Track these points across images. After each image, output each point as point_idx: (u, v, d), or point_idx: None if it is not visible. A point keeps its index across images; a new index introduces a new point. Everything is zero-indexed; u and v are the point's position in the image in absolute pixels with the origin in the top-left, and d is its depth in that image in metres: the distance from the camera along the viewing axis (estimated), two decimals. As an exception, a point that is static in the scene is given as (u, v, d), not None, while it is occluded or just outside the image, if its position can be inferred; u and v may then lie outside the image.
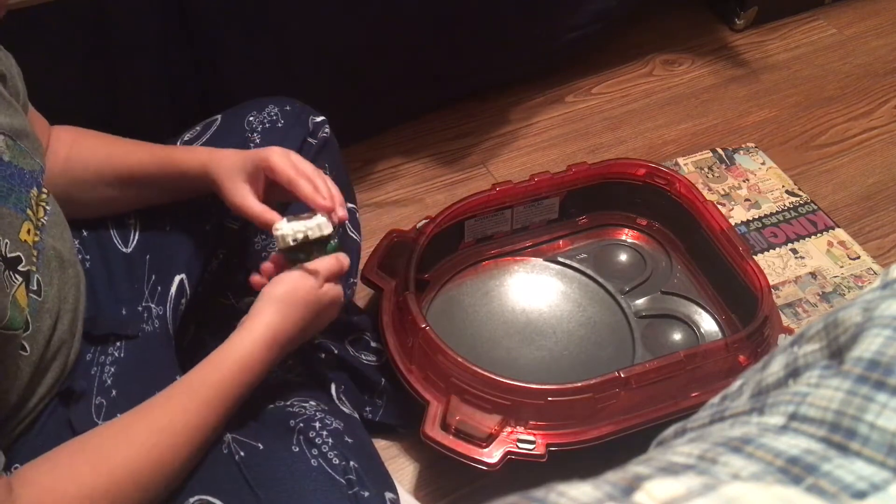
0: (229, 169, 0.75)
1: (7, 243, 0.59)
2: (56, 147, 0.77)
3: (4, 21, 0.64)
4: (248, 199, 0.74)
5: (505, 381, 0.81)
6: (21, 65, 0.71)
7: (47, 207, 0.69)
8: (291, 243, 0.71)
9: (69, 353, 0.69)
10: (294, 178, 0.73)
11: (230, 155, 0.76)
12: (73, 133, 0.79)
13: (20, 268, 0.60)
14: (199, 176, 0.76)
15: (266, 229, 0.73)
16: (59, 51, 0.94)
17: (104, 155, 0.78)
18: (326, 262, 0.73)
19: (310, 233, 0.72)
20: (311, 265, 0.72)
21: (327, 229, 0.73)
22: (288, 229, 0.71)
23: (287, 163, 0.74)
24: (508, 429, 0.82)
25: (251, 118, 0.87)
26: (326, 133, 0.92)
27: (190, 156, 0.78)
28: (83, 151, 0.78)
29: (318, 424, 0.70)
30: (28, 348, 0.62)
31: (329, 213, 0.73)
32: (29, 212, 0.63)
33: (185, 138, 0.89)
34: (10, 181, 0.61)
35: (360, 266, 0.98)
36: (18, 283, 0.60)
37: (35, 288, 0.64)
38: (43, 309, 0.64)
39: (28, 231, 0.62)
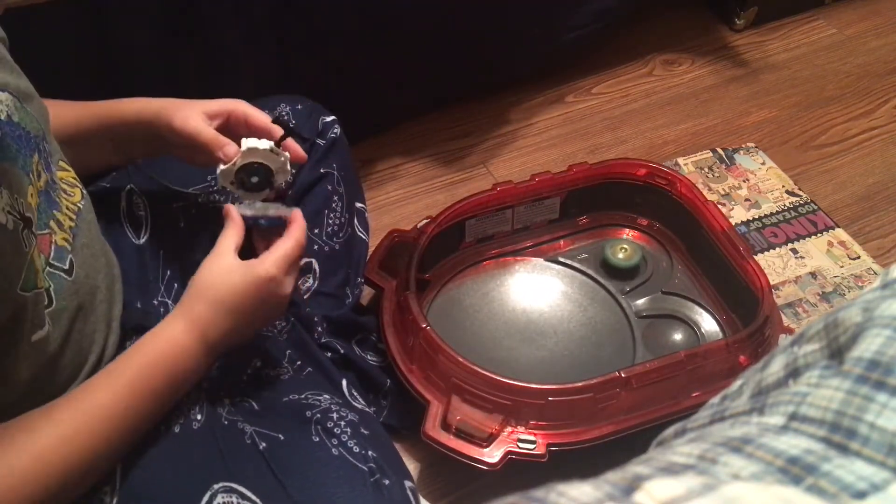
0: (184, 106, 0.74)
1: (22, 203, 0.58)
2: None
3: (3, 20, 0.65)
4: (201, 126, 0.73)
5: (505, 380, 0.81)
6: (20, 64, 0.71)
7: (84, 192, 0.68)
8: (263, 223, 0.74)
9: (104, 344, 0.69)
10: (272, 126, 0.74)
11: (188, 102, 0.76)
12: None
13: (34, 230, 0.60)
14: (141, 120, 0.75)
15: (226, 160, 0.72)
16: (58, 50, 0.94)
17: (52, 116, 0.76)
18: (284, 250, 0.70)
19: (273, 211, 0.75)
20: (269, 258, 0.69)
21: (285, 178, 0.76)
22: (251, 216, 0.74)
23: (257, 110, 0.75)
24: (509, 428, 0.82)
25: None
26: (336, 133, 0.92)
27: (132, 104, 0.77)
28: None
29: (335, 416, 0.70)
30: (49, 324, 0.61)
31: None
32: (32, 176, 0.62)
33: None
34: (18, 142, 0.61)
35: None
36: (33, 244, 0.59)
37: (66, 267, 0.63)
38: (71, 290, 0.64)
39: (31, 195, 0.61)
